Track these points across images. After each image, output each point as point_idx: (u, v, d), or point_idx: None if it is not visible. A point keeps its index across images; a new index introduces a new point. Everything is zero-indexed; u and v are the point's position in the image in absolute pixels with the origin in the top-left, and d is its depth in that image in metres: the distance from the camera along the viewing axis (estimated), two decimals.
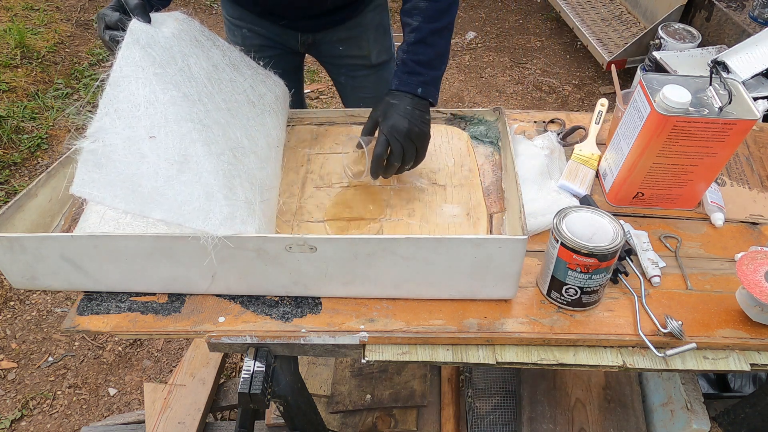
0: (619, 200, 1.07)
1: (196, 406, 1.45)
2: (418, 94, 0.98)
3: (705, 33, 2.58)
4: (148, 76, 0.77)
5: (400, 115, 0.95)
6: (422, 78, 0.99)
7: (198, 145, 0.77)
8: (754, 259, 0.86)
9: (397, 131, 0.94)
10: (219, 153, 0.78)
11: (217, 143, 0.79)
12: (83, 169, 0.75)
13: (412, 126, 0.95)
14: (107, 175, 0.74)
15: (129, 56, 0.77)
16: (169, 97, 0.77)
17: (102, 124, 0.76)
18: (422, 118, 0.97)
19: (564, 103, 3.00)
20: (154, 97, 0.76)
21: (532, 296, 0.92)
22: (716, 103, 0.94)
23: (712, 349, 0.88)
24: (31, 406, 1.79)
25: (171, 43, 0.81)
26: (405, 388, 1.46)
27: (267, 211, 0.86)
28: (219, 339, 0.88)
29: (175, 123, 0.76)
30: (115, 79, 0.77)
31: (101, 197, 0.74)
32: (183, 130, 0.77)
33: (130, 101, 0.76)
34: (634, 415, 1.31)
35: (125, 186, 0.74)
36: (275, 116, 0.98)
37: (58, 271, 0.87)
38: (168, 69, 0.78)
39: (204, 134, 0.78)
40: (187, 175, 0.76)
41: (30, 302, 2.06)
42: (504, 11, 3.71)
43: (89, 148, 0.75)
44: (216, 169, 0.77)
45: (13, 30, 2.97)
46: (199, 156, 0.76)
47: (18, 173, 2.43)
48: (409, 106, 0.97)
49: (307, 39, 1.32)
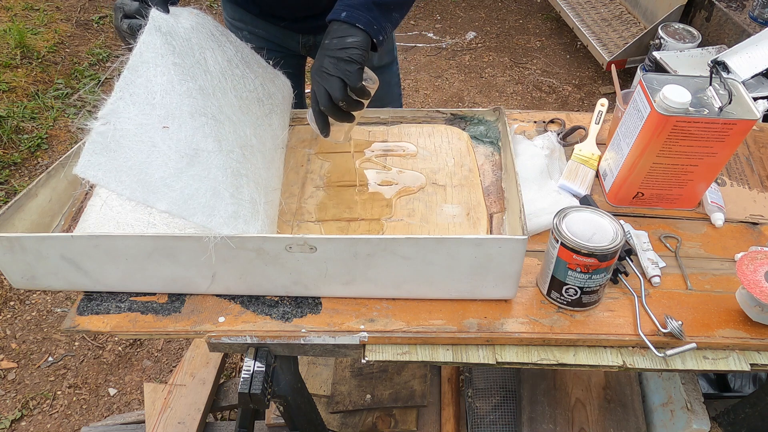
0: (619, 200, 1.07)
1: (196, 406, 1.45)
2: (341, 18, 0.87)
3: (705, 33, 2.58)
4: (167, 65, 0.75)
5: (319, 55, 0.87)
6: (349, 1, 0.89)
7: (210, 140, 0.76)
8: (754, 259, 0.86)
9: (314, 72, 0.87)
10: (229, 150, 0.77)
11: (228, 140, 0.78)
12: (90, 150, 0.73)
13: (328, 58, 0.85)
14: (115, 159, 0.72)
15: (150, 42, 0.76)
16: (186, 88, 0.76)
17: (115, 107, 0.74)
18: (341, 44, 0.86)
19: (564, 103, 3.00)
20: (171, 87, 0.75)
21: (532, 296, 0.92)
22: (716, 103, 0.94)
23: (712, 349, 0.88)
24: (31, 406, 1.79)
25: (189, 35, 0.80)
26: (405, 388, 1.46)
27: (270, 212, 0.86)
28: (219, 339, 0.88)
29: (189, 115, 0.75)
30: (134, 63, 0.76)
31: (106, 181, 0.72)
32: (196, 124, 0.76)
33: (147, 88, 0.75)
34: (634, 415, 1.31)
35: (132, 173, 0.73)
36: (282, 117, 0.97)
37: (58, 271, 0.87)
38: (186, 60, 0.77)
39: (216, 129, 0.77)
40: (197, 169, 0.75)
41: (30, 302, 2.06)
42: (504, 11, 3.71)
43: (99, 130, 0.73)
44: (225, 166, 0.76)
45: (13, 30, 2.97)
46: (210, 151, 0.75)
47: (18, 173, 2.43)
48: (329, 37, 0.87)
49: (308, 41, 1.32)
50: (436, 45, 3.40)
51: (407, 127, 1.16)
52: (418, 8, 3.68)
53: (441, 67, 3.23)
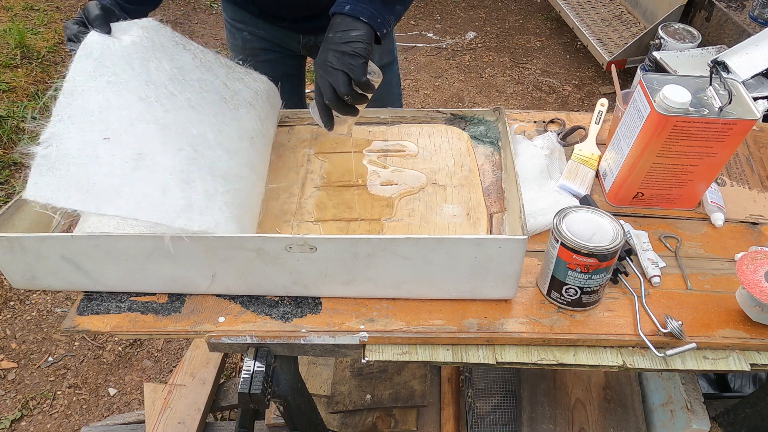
0: (619, 200, 1.07)
1: (196, 406, 1.45)
2: (345, 11, 0.87)
3: (705, 33, 2.58)
4: (101, 85, 0.79)
5: (323, 48, 0.87)
6: None
7: (153, 143, 0.79)
8: (754, 259, 0.86)
9: (318, 66, 0.87)
10: (177, 149, 0.80)
11: (175, 140, 0.81)
12: (36, 174, 0.75)
13: (332, 51, 0.85)
14: (60, 177, 0.75)
15: (81, 68, 0.80)
16: (123, 101, 0.79)
17: (56, 130, 0.77)
18: (345, 37, 0.86)
19: (564, 103, 3.00)
20: (108, 103, 0.78)
21: (532, 296, 0.92)
22: (716, 103, 0.94)
23: (712, 349, 0.88)
24: (31, 406, 1.79)
25: (129, 51, 0.83)
26: (405, 388, 1.46)
27: (236, 200, 0.86)
28: (219, 339, 0.88)
29: (130, 125, 0.79)
30: (68, 89, 0.79)
31: (55, 200, 0.74)
32: (138, 132, 0.79)
33: (84, 108, 0.78)
34: (634, 415, 1.31)
35: (79, 186, 0.75)
36: (252, 109, 0.99)
37: (58, 271, 0.87)
38: (122, 76, 0.81)
39: (161, 133, 0.80)
40: (142, 171, 0.77)
41: (30, 302, 2.06)
42: (504, 11, 3.71)
43: (42, 153, 0.76)
44: (172, 164, 0.79)
45: (13, 30, 2.97)
46: (154, 153, 0.78)
47: (18, 173, 2.43)
48: (333, 31, 0.87)
49: (308, 41, 1.31)
50: (436, 45, 3.40)
51: (407, 127, 1.16)
52: (418, 8, 3.68)
53: (441, 67, 3.23)
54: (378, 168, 1.08)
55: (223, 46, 3.29)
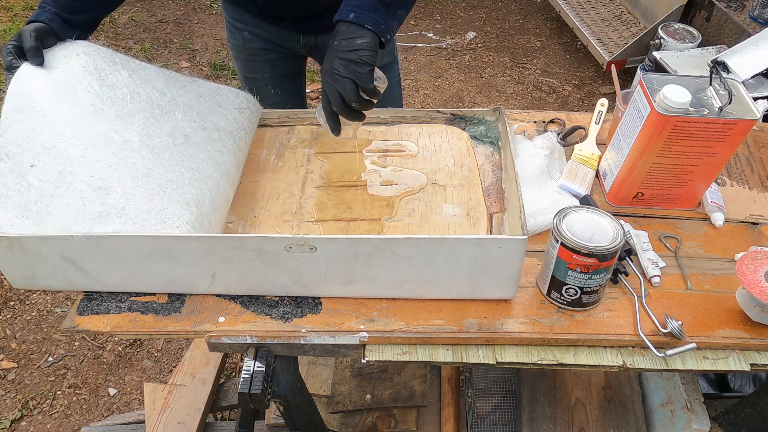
0: (619, 200, 1.07)
1: (196, 406, 1.45)
2: (350, 19, 0.88)
3: (705, 33, 2.58)
4: (27, 116, 0.88)
5: (329, 56, 0.87)
6: (355, 2, 0.89)
7: (71, 160, 0.87)
8: (754, 259, 0.86)
9: (325, 74, 0.87)
10: (95, 161, 0.87)
11: (95, 152, 0.88)
12: None
13: (339, 59, 0.86)
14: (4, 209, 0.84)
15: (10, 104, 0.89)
16: (46, 127, 0.88)
17: None
18: (350, 45, 0.86)
19: (564, 103, 3.00)
20: (33, 132, 0.88)
21: (532, 296, 0.92)
22: (716, 103, 0.94)
23: (712, 349, 0.88)
24: (31, 406, 1.79)
25: (57, 79, 0.90)
26: (405, 388, 1.46)
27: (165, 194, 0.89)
28: (219, 339, 0.88)
29: (52, 148, 0.87)
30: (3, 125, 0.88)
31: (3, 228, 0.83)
32: (58, 151, 0.87)
33: (15, 142, 0.87)
34: (634, 415, 1.31)
35: (17, 213, 0.84)
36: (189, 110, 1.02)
37: (58, 271, 0.87)
38: (48, 104, 0.89)
39: (80, 150, 0.88)
40: (62, 188, 0.85)
41: (30, 302, 2.06)
42: (504, 11, 3.71)
43: None
44: (90, 175, 0.86)
45: (13, 30, 2.97)
46: (73, 169, 0.86)
47: None
48: (338, 39, 0.87)
49: (308, 41, 1.31)
50: (436, 45, 3.40)
51: (407, 127, 1.16)
52: (418, 8, 3.68)
53: (441, 67, 3.23)
54: (378, 168, 1.08)
55: (223, 46, 3.29)
